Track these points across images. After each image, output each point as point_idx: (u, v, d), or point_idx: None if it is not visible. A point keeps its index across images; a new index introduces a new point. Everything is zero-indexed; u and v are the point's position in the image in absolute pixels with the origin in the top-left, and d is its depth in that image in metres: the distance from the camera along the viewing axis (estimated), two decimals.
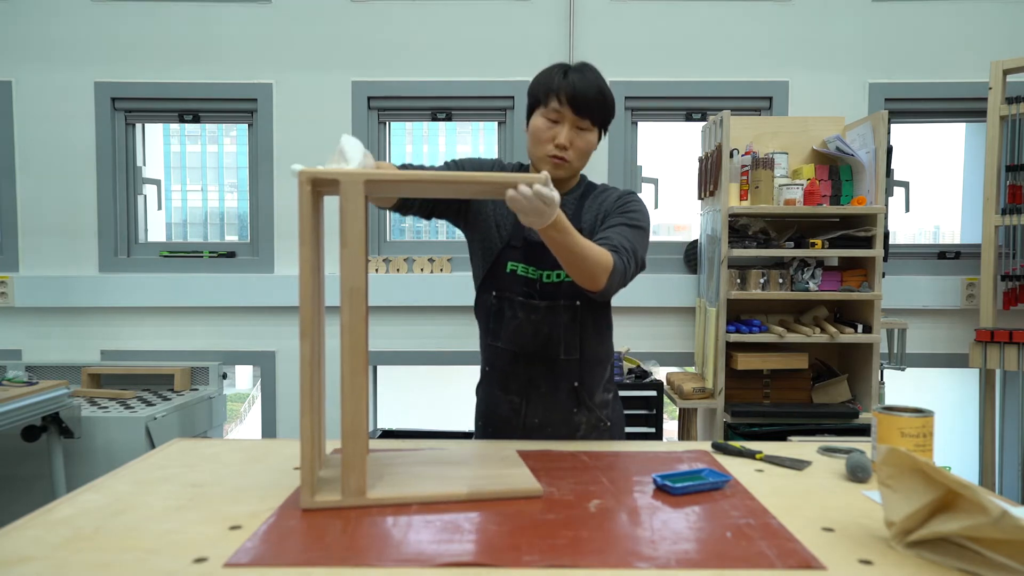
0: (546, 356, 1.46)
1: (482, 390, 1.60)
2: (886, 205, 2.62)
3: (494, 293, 1.49)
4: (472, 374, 3.03)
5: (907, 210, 2.91)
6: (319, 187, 1.02)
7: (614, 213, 1.42)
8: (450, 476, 1.09)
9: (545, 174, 1.08)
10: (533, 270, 1.45)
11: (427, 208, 1.49)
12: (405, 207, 1.45)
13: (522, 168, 1.53)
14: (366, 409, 1.00)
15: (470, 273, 3.20)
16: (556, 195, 1.11)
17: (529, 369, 1.48)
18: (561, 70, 1.40)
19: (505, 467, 1.14)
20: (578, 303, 1.44)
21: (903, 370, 2.71)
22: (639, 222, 1.41)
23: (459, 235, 1.92)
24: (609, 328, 1.54)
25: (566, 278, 1.42)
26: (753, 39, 3.00)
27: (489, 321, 1.51)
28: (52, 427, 2.21)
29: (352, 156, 1.06)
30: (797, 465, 1.23)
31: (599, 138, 1.45)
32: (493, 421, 1.55)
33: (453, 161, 1.53)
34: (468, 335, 3.07)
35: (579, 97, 1.36)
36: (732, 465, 1.24)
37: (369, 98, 3.05)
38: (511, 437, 1.51)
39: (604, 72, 1.48)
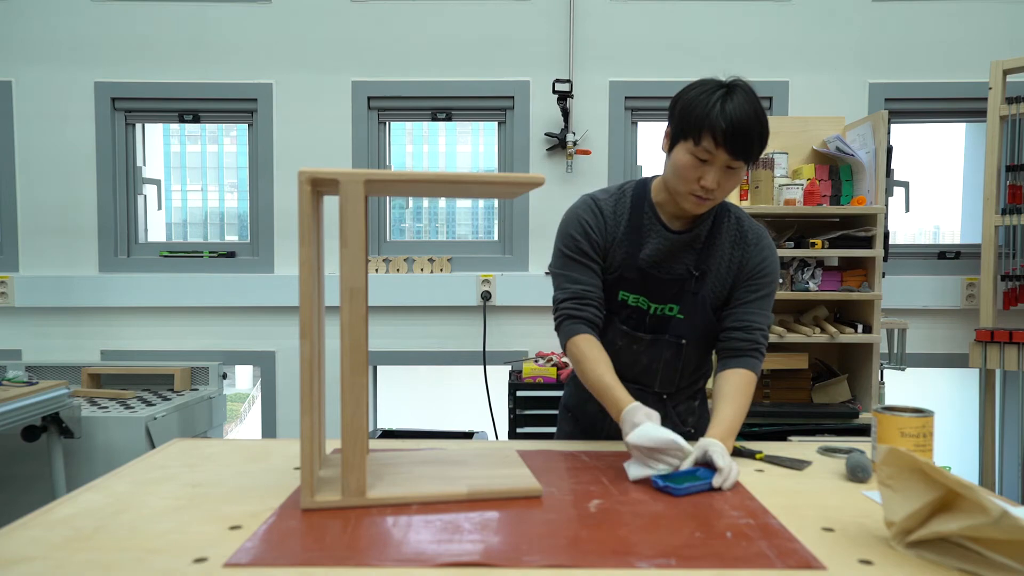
0: (639, 384, 1.43)
1: (572, 386, 1.57)
2: (886, 205, 2.62)
3: (604, 314, 1.41)
4: (471, 374, 3.05)
5: (907, 210, 2.91)
6: (319, 187, 1.02)
7: (754, 276, 1.35)
8: (450, 476, 1.09)
9: (540, 175, 1.02)
10: (644, 301, 1.37)
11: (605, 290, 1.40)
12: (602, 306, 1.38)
13: (636, 190, 1.41)
14: (366, 409, 1.00)
15: (470, 273, 3.23)
16: (681, 444, 1.11)
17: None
18: (718, 99, 1.21)
19: (505, 467, 1.14)
20: (683, 341, 1.38)
21: (903, 370, 2.71)
22: (775, 284, 1.37)
23: (459, 235, 1.92)
24: (709, 357, 1.47)
25: (678, 313, 1.37)
26: (753, 39, 3.00)
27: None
28: (52, 427, 2.21)
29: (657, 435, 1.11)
30: (797, 465, 1.23)
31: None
32: (583, 416, 1.53)
33: (582, 258, 1.38)
34: (468, 335, 3.07)
35: (736, 138, 1.19)
36: None
37: (369, 98, 3.05)
38: (597, 435, 1.49)
39: (605, 72, 1.47)
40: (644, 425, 1.13)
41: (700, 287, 1.36)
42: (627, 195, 1.40)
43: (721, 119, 1.18)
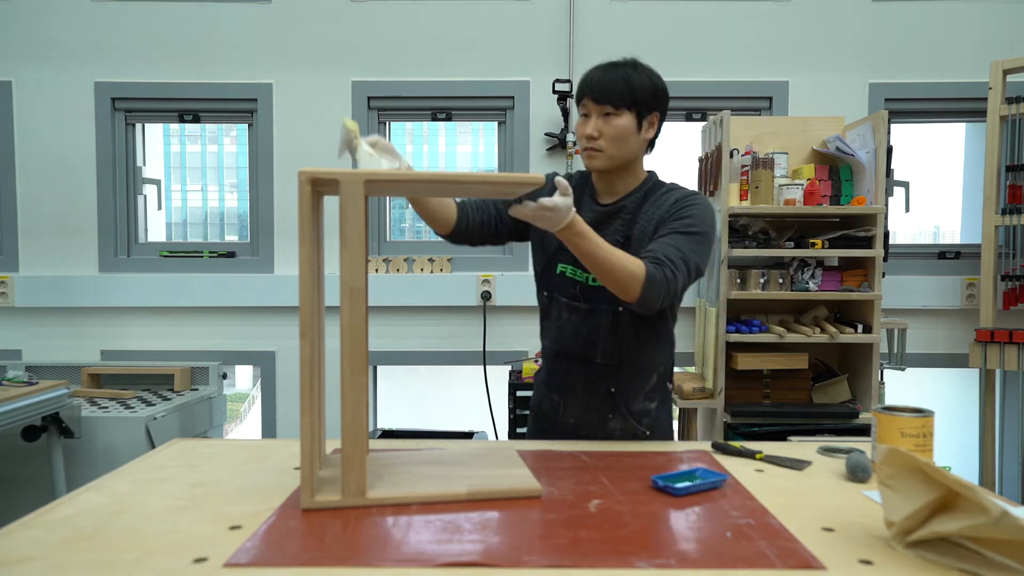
0: (583, 357, 1.47)
1: (535, 383, 1.63)
2: (886, 205, 2.62)
3: (545, 293, 1.53)
4: (471, 374, 3.05)
5: (907, 210, 2.91)
6: (319, 187, 1.02)
7: (668, 219, 1.37)
8: (450, 476, 1.09)
9: (540, 177, 1.07)
10: (580, 272, 1.45)
11: (492, 234, 1.52)
12: (467, 236, 1.49)
13: (582, 173, 1.55)
14: (366, 409, 1.00)
15: (470, 273, 3.23)
16: (558, 201, 1.13)
17: (568, 369, 1.50)
18: (594, 67, 1.42)
19: (505, 467, 1.15)
20: (620, 309, 1.41)
21: (903, 370, 2.71)
22: (693, 227, 1.35)
23: None
24: (659, 338, 1.48)
25: None
26: (753, 39, 3.00)
27: (541, 320, 1.56)
28: (52, 427, 2.21)
29: (378, 164, 1.11)
30: (797, 465, 1.23)
31: (640, 123, 1.40)
32: (540, 416, 1.58)
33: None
34: (468, 335, 3.07)
35: (596, 84, 1.37)
36: (732, 465, 1.24)
37: (369, 98, 3.05)
38: (552, 434, 1.52)
39: None
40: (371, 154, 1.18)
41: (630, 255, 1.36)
42: (575, 177, 1.55)
43: (586, 77, 1.41)
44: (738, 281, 2.58)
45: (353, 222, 0.98)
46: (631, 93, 1.38)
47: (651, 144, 1.48)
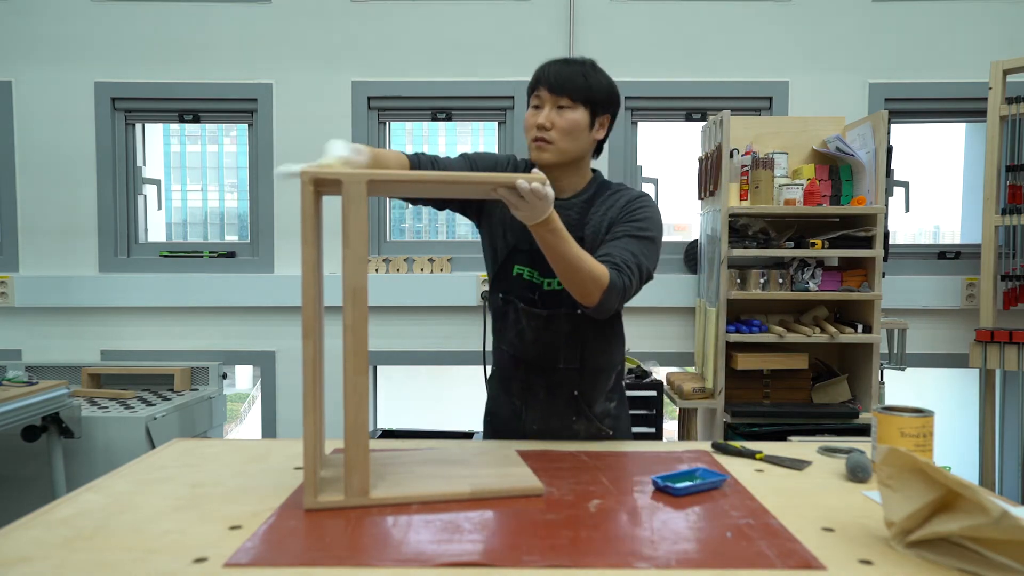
0: (545, 363, 1.45)
1: (490, 388, 1.59)
2: (886, 205, 2.62)
3: (500, 295, 1.48)
4: (471, 374, 3.05)
5: (907, 210, 2.91)
6: (320, 187, 1.02)
7: (620, 221, 1.36)
8: (452, 475, 1.09)
9: (543, 175, 1.08)
10: (537, 275, 1.42)
11: (439, 202, 1.48)
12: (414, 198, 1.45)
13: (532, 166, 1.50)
14: (367, 409, 1.00)
15: (470, 273, 3.23)
16: (549, 191, 1.10)
17: (528, 375, 1.47)
18: (549, 61, 1.40)
19: (506, 466, 1.15)
20: (580, 312, 1.38)
21: (903, 370, 2.71)
22: (646, 231, 1.35)
23: (459, 235, 1.93)
24: (615, 337, 1.49)
25: None
26: (753, 39, 3.00)
27: (495, 322, 1.51)
28: (52, 427, 2.21)
29: (331, 152, 1.09)
30: (797, 465, 1.23)
31: (592, 121, 1.39)
32: (496, 421, 1.55)
33: (464, 155, 1.50)
34: (468, 335, 3.07)
35: (553, 76, 1.36)
36: (732, 465, 1.24)
37: (369, 98, 3.05)
38: (512, 438, 1.50)
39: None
40: (339, 142, 1.15)
41: None
42: (521, 167, 1.49)
43: (543, 68, 1.39)
44: (738, 281, 2.58)
45: (356, 223, 0.98)
46: (588, 88, 1.37)
47: (599, 147, 1.47)
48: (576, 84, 1.36)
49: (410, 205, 1.50)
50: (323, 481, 1.06)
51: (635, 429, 2.61)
